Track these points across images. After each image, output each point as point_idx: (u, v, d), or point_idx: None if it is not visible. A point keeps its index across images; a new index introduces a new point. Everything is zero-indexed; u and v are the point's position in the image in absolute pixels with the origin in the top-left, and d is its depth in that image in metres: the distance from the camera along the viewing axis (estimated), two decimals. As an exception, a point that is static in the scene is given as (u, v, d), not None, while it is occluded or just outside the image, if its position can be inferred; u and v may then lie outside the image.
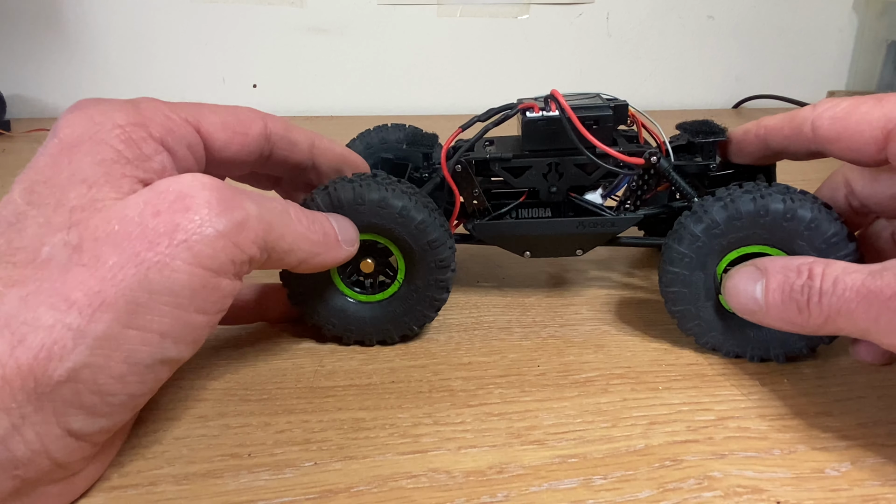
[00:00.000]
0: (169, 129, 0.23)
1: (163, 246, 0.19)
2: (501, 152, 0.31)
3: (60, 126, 0.22)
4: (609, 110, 0.30)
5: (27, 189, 0.21)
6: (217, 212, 0.20)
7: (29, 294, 0.19)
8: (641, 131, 0.33)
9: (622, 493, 0.21)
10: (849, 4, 0.95)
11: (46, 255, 0.19)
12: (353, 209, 0.27)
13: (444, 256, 0.28)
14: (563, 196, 0.32)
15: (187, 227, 0.19)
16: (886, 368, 0.28)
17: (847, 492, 0.21)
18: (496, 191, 0.33)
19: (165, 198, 0.20)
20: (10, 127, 0.75)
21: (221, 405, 0.26)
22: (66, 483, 0.20)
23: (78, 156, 0.21)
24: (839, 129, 0.26)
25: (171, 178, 0.21)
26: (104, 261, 0.19)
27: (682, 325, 0.29)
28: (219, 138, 0.25)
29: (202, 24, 0.85)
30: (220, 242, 0.20)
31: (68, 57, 0.84)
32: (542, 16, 0.90)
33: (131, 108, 0.22)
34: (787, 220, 0.26)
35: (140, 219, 0.19)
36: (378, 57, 0.89)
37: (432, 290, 0.29)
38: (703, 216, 0.27)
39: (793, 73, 0.97)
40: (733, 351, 0.29)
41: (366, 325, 0.30)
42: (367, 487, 0.22)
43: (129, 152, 0.21)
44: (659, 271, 0.29)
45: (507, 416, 0.25)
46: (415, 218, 0.27)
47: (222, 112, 0.26)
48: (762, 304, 0.24)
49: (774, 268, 0.24)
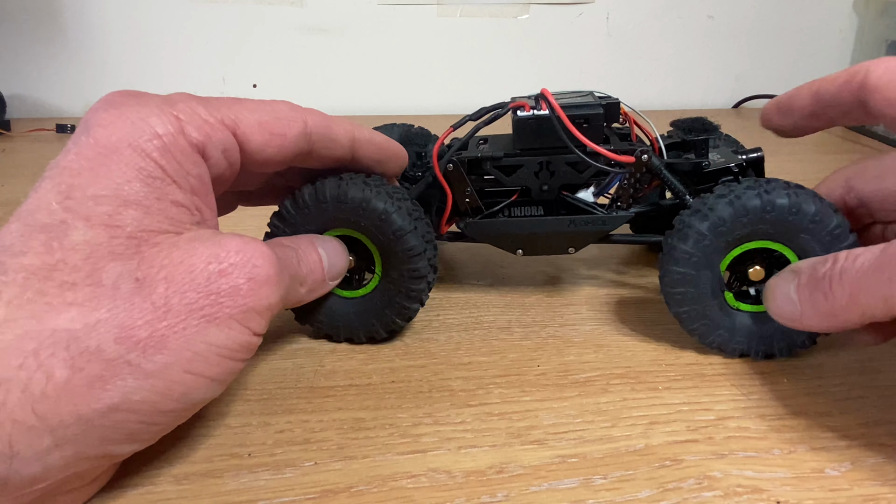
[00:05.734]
0: (206, 134, 0.22)
1: (225, 306, 0.21)
2: (493, 151, 0.31)
3: (94, 124, 0.21)
4: (600, 108, 0.30)
5: (63, 193, 0.20)
6: (271, 285, 0.22)
7: (97, 322, 0.19)
8: (634, 129, 0.33)
9: (622, 493, 0.21)
10: (849, 4, 0.95)
11: (111, 284, 0.19)
12: (336, 206, 0.28)
13: (412, 245, 0.28)
14: (555, 194, 0.32)
15: (247, 293, 0.21)
16: (887, 368, 0.28)
17: (847, 492, 0.21)
18: (489, 189, 0.33)
19: (232, 260, 0.21)
20: (10, 127, 0.75)
21: (221, 405, 0.26)
22: (77, 492, 0.20)
23: (119, 165, 0.20)
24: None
25: (238, 238, 0.22)
26: (171, 306, 0.20)
27: (687, 325, 0.29)
28: (255, 140, 0.24)
29: (202, 24, 0.85)
30: (267, 313, 0.22)
31: (68, 57, 0.84)
32: (542, 16, 0.90)
33: (168, 112, 0.21)
34: (793, 215, 0.26)
35: (207, 274, 0.20)
36: (378, 57, 0.89)
37: (407, 281, 0.29)
38: (708, 214, 0.27)
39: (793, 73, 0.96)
40: (738, 349, 0.28)
41: (352, 320, 0.30)
42: (367, 487, 0.22)
43: (170, 168, 0.21)
44: (661, 272, 0.28)
45: (507, 416, 0.25)
46: (377, 207, 0.27)
47: (260, 110, 0.24)
48: (797, 304, 0.24)
49: (806, 265, 0.24)
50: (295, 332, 0.31)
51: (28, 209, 0.20)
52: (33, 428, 0.17)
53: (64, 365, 0.18)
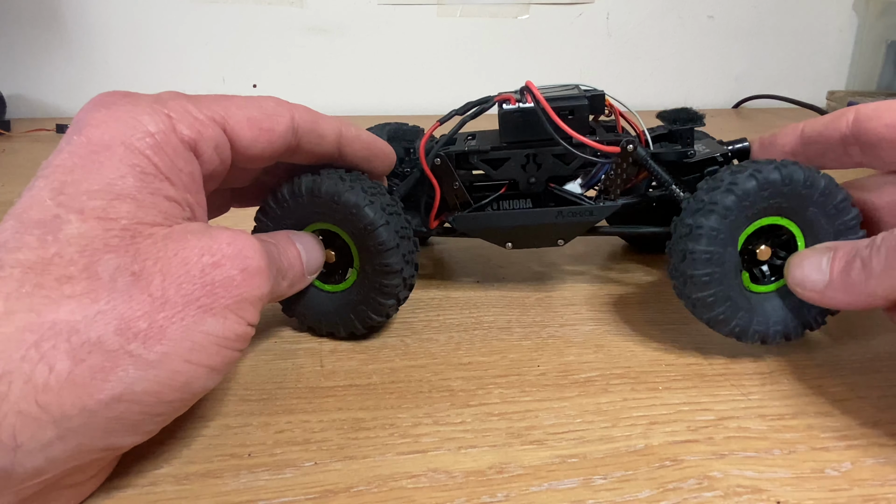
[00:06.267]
0: (198, 131, 0.23)
1: (220, 297, 0.21)
2: (480, 145, 0.32)
3: (86, 123, 0.21)
4: (584, 100, 0.30)
5: (56, 190, 0.20)
6: (262, 276, 0.22)
7: (97, 314, 0.19)
8: (620, 121, 0.33)
9: (622, 493, 0.21)
10: (849, 4, 0.95)
11: (108, 277, 0.19)
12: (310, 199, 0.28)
13: (383, 240, 0.28)
14: (543, 187, 0.32)
15: (240, 283, 0.21)
16: (887, 368, 0.28)
17: (847, 492, 0.21)
18: (478, 184, 0.33)
19: (224, 252, 0.21)
20: (10, 127, 0.75)
21: (221, 405, 0.26)
22: (79, 486, 0.20)
23: (112, 162, 0.20)
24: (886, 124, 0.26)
25: (226, 231, 0.22)
26: (168, 298, 0.20)
27: (709, 311, 0.27)
28: (245, 136, 0.24)
29: (202, 24, 0.85)
30: (259, 304, 0.23)
31: (68, 57, 0.84)
32: (542, 16, 0.90)
33: (159, 110, 0.22)
34: (807, 188, 0.26)
35: (202, 266, 0.21)
36: (378, 57, 0.89)
37: (380, 276, 0.29)
38: (733, 188, 0.26)
39: (793, 73, 0.97)
40: (758, 332, 0.28)
41: (332, 315, 0.30)
42: (367, 487, 0.22)
43: (163, 164, 0.21)
44: (680, 255, 0.27)
45: (507, 416, 0.25)
46: (349, 201, 0.27)
47: (248, 106, 0.25)
48: (827, 273, 0.25)
49: (843, 244, 0.25)
50: (295, 332, 0.31)
51: (21, 207, 0.20)
52: (37, 419, 0.17)
53: (66, 356, 0.18)
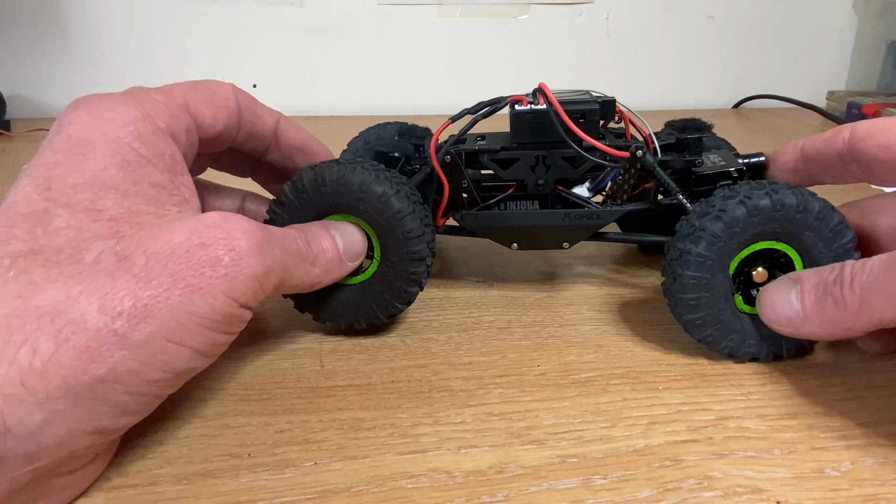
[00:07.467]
0: (171, 116, 0.24)
1: (206, 276, 0.21)
2: (490, 145, 0.32)
3: (67, 122, 0.22)
4: (596, 105, 0.30)
5: (41, 185, 0.20)
6: (255, 255, 0.22)
7: (80, 294, 0.19)
8: (629, 128, 0.33)
9: (622, 493, 0.21)
10: (849, 4, 0.95)
11: (93, 260, 0.20)
12: (336, 190, 0.28)
13: (411, 227, 0.28)
14: (551, 189, 0.32)
15: (228, 263, 0.21)
16: (887, 368, 0.28)
17: (847, 492, 0.21)
18: (486, 183, 0.34)
19: (212, 233, 0.21)
20: (10, 127, 0.75)
21: (221, 405, 0.26)
22: (73, 476, 0.20)
23: (96, 154, 0.21)
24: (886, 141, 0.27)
25: (217, 214, 0.22)
26: (153, 277, 0.20)
27: (699, 332, 0.28)
28: (207, 116, 0.26)
29: (202, 24, 0.85)
30: (251, 282, 0.22)
31: (68, 57, 0.84)
32: (542, 16, 0.90)
33: (134, 101, 0.23)
34: (800, 213, 0.26)
35: (188, 247, 0.21)
36: (378, 57, 0.89)
37: (407, 264, 0.29)
38: (721, 215, 0.26)
39: (793, 73, 0.97)
40: (749, 353, 0.28)
41: (352, 307, 0.30)
42: (367, 487, 0.22)
43: (145, 151, 0.22)
44: (669, 278, 0.28)
45: (507, 416, 0.25)
46: (376, 191, 0.28)
47: (199, 88, 0.26)
48: (799, 309, 0.25)
49: (808, 274, 0.25)
50: (295, 332, 0.31)
51: (8, 203, 0.20)
52: (23, 402, 0.17)
53: (49, 337, 0.18)
